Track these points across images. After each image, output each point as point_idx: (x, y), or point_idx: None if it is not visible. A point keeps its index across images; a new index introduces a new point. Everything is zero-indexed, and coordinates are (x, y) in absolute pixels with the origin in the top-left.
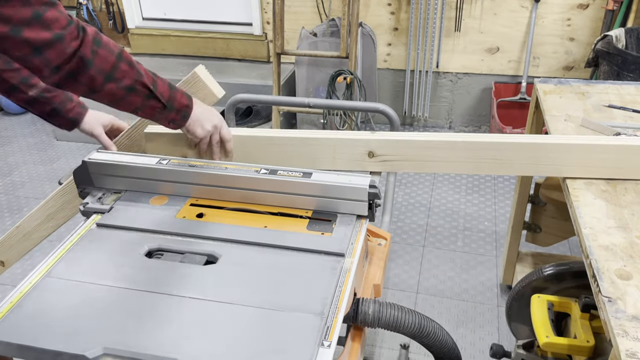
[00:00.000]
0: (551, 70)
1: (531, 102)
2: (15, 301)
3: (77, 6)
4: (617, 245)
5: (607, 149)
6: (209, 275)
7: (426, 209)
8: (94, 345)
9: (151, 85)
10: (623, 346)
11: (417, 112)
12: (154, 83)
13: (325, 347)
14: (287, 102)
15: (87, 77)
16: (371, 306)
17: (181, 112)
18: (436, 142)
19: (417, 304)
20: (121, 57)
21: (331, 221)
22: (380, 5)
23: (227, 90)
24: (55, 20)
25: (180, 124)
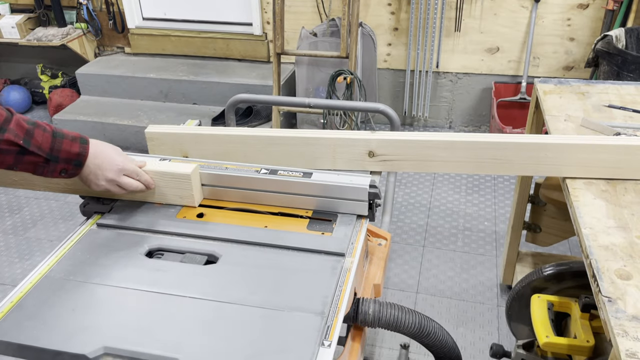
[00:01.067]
0: (551, 70)
1: (531, 102)
2: (16, 301)
3: (77, 6)
4: (617, 245)
5: (607, 149)
6: (209, 275)
7: (426, 209)
8: (94, 345)
9: (21, 140)
10: (623, 346)
11: (417, 112)
12: (27, 136)
13: (325, 347)
14: (287, 102)
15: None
16: (371, 306)
17: (72, 161)
18: (436, 141)
19: (417, 303)
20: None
21: (331, 221)
22: (380, 5)
23: (227, 90)
24: None
25: (75, 172)
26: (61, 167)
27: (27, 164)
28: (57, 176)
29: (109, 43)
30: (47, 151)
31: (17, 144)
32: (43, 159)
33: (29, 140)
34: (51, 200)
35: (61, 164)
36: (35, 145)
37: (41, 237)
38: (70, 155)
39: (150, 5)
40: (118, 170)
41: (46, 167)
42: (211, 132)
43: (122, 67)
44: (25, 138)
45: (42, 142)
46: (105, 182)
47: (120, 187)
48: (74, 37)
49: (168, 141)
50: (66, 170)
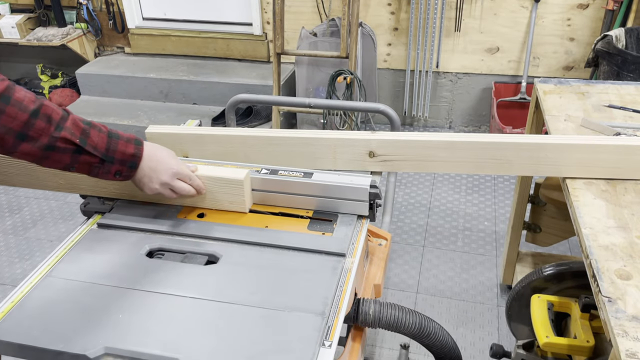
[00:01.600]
0: (551, 70)
1: (531, 102)
2: (16, 301)
3: (77, 6)
4: (617, 245)
5: (607, 149)
6: (210, 275)
7: (426, 209)
8: (95, 345)
9: (78, 139)
10: (623, 346)
11: (417, 112)
12: (83, 135)
13: (326, 347)
14: (287, 102)
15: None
16: (372, 306)
17: (127, 162)
18: (436, 142)
19: (417, 304)
20: (37, 114)
21: (332, 221)
22: (380, 5)
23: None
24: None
25: (129, 175)
26: (116, 169)
27: (82, 164)
28: (111, 178)
29: (109, 43)
30: (102, 151)
31: (74, 142)
32: (99, 159)
33: (85, 139)
34: (51, 200)
35: (116, 165)
36: (91, 145)
37: (41, 237)
38: (125, 156)
39: (150, 5)
40: (172, 174)
41: (101, 167)
42: (211, 132)
43: (122, 67)
44: (82, 137)
45: (98, 142)
46: (159, 185)
47: (173, 191)
48: (74, 37)
49: (168, 141)
50: (120, 172)
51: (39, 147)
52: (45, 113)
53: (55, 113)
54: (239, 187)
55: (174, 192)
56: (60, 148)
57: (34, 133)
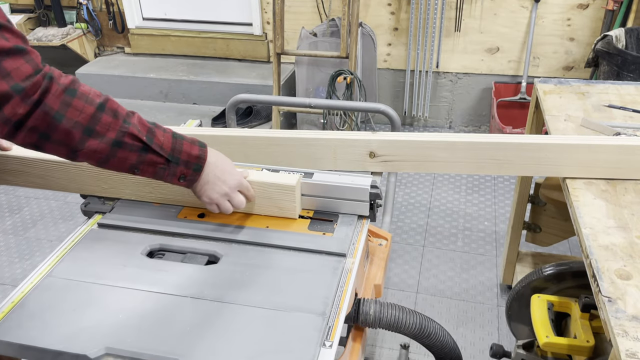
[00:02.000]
0: (551, 70)
1: (531, 102)
2: (17, 301)
3: (77, 6)
4: (617, 245)
5: (607, 149)
6: (210, 276)
7: (426, 209)
8: (95, 345)
9: (144, 137)
10: (623, 346)
11: (417, 112)
12: (149, 133)
13: (326, 348)
14: (287, 102)
15: (61, 134)
16: (372, 306)
17: (192, 164)
18: (437, 142)
19: (417, 304)
20: (103, 108)
21: (332, 221)
22: (380, 5)
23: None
24: (15, 69)
25: (193, 179)
26: (181, 171)
27: (148, 165)
28: (176, 182)
29: (109, 43)
30: (168, 151)
31: (141, 139)
32: (164, 159)
33: (151, 137)
34: (51, 200)
35: (181, 166)
36: (157, 144)
37: (41, 237)
38: (191, 157)
39: (150, 5)
40: (235, 185)
41: (167, 169)
42: (211, 132)
43: (122, 67)
44: (148, 135)
45: (164, 141)
46: (220, 195)
47: (230, 203)
48: (74, 37)
49: None
50: (185, 176)
51: (106, 143)
52: (111, 108)
53: (121, 108)
54: (291, 192)
55: (231, 204)
56: (127, 145)
57: (101, 128)
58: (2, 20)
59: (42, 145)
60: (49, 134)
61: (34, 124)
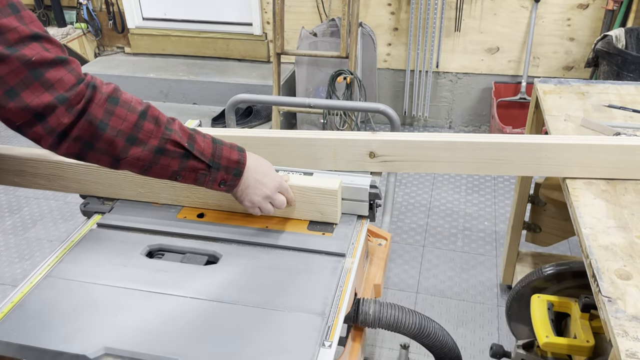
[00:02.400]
0: (551, 70)
1: (531, 102)
2: (16, 301)
3: (77, 6)
4: (617, 245)
5: (607, 149)
6: (209, 276)
7: (426, 209)
8: (95, 345)
9: (186, 143)
10: (623, 346)
11: (417, 112)
12: (190, 139)
13: (326, 347)
14: (287, 102)
15: (105, 143)
16: (372, 306)
17: (231, 169)
18: (437, 142)
19: (417, 304)
20: (145, 115)
21: None
22: (380, 5)
23: (227, 90)
24: (58, 80)
25: (233, 184)
26: (221, 176)
27: (189, 171)
28: (216, 188)
29: (109, 43)
30: (209, 157)
31: (183, 146)
32: (205, 165)
33: (192, 144)
34: (51, 200)
35: (221, 172)
36: (198, 150)
37: (41, 237)
38: (230, 162)
39: (150, 5)
40: (276, 187)
41: (208, 175)
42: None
43: (122, 67)
44: (189, 141)
45: (205, 147)
46: (262, 198)
47: (272, 205)
48: (74, 37)
49: None
50: (225, 181)
51: (149, 150)
52: (153, 115)
53: (162, 115)
54: (333, 197)
55: (273, 205)
56: (169, 151)
57: (144, 135)
58: (40, 30)
59: (85, 155)
60: (92, 143)
61: (78, 133)
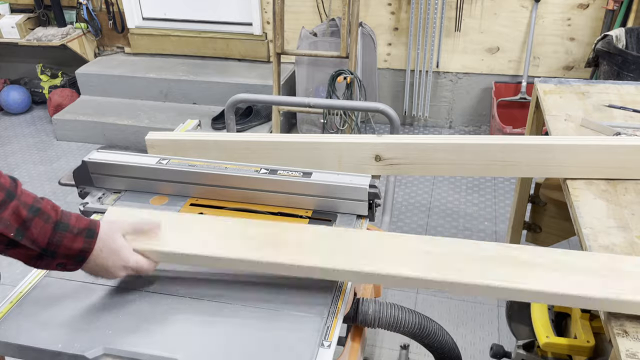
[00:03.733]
0: (551, 70)
1: (531, 102)
2: (15, 301)
3: (77, 6)
4: (617, 245)
5: (610, 149)
6: (208, 276)
7: (426, 209)
8: (93, 346)
9: (12, 233)
10: (623, 346)
11: (417, 112)
12: (22, 227)
13: (325, 347)
14: (287, 102)
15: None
16: (371, 306)
17: (72, 257)
18: (444, 144)
19: (417, 304)
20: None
21: (331, 221)
22: (380, 5)
23: (227, 90)
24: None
25: (74, 268)
26: (58, 262)
27: (17, 254)
28: (53, 269)
29: (108, 43)
30: (42, 246)
31: (7, 236)
32: (37, 253)
33: (23, 232)
34: None
35: (59, 259)
36: (29, 239)
37: None
38: (71, 251)
39: (150, 5)
40: (122, 267)
41: (39, 261)
42: (214, 138)
43: (122, 67)
44: (20, 229)
45: (39, 235)
46: (112, 273)
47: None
48: (73, 37)
49: (169, 147)
50: (64, 265)
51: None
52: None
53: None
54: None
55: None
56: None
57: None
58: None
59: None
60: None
61: None
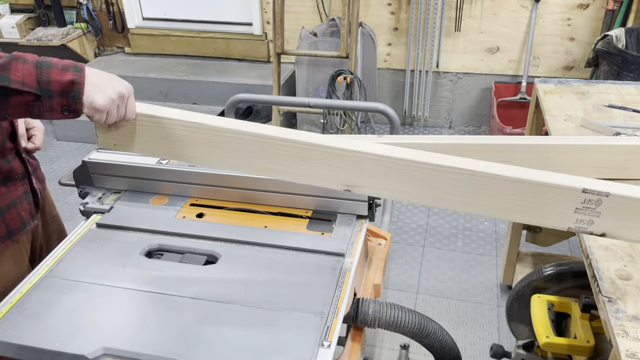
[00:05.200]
0: (551, 70)
1: (531, 102)
2: (15, 301)
3: (77, 6)
4: (617, 245)
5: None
6: (208, 275)
7: (426, 209)
8: (93, 345)
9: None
10: (623, 346)
11: (417, 112)
12: (3, 71)
13: (325, 347)
14: (287, 102)
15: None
16: (371, 306)
17: (68, 93)
18: (444, 145)
19: (417, 304)
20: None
21: (331, 221)
22: (380, 5)
23: (227, 90)
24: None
25: (77, 107)
26: (58, 104)
27: (16, 107)
28: (59, 116)
29: (109, 43)
30: (33, 85)
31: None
32: (33, 96)
33: (5, 75)
34: None
35: (56, 97)
36: (16, 82)
37: None
38: (64, 85)
39: (150, 5)
40: (128, 89)
41: (41, 105)
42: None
43: (122, 67)
44: (3, 72)
45: (24, 75)
46: (115, 94)
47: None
48: (74, 37)
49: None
50: (67, 107)
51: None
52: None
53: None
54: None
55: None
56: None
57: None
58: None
59: None
60: None
61: None
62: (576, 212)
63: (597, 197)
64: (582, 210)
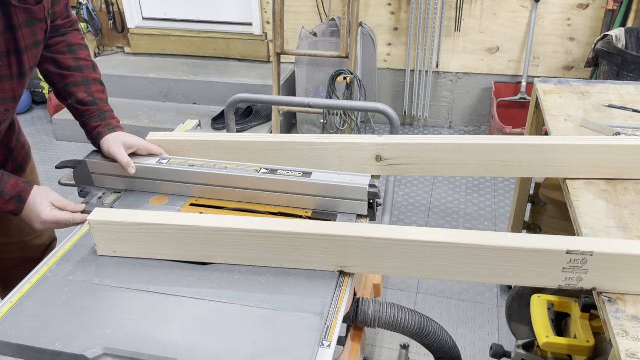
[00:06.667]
0: (551, 70)
1: (531, 102)
2: (15, 301)
3: (77, 6)
4: None
5: (610, 149)
6: (208, 275)
7: (426, 209)
8: (93, 345)
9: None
10: (623, 346)
11: (417, 112)
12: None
13: (325, 347)
14: (287, 102)
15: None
16: (371, 306)
17: (7, 212)
18: (445, 144)
19: (417, 304)
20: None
21: (331, 221)
22: (380, 5)
23: (227, 90)
24: None
25: (13, 215)
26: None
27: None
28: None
29: (109, 43)
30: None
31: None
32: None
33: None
34: None
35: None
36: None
37: None
38: (4, 210)
39: (150, 5)
40: (42, 223)
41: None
42: (214, 138)
43: (122, 67)
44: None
45: None
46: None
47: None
48: None
49: (170, 148)
50: (15, 212)
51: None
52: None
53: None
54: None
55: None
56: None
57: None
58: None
59: None
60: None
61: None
62: (564, 272)
63: (582, 257)
64: (570, 270)
